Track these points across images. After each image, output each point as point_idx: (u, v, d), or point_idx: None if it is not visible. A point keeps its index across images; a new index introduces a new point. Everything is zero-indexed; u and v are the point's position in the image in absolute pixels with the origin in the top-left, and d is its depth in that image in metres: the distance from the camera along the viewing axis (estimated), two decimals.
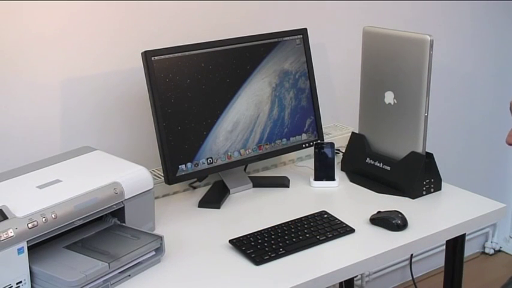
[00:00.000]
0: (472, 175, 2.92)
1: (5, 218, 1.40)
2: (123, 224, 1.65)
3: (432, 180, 1.92)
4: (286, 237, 1.68)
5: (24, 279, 1.43)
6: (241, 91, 1.97)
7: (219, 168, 1.97)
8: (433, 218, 1.84)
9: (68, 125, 1.93)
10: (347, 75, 2.37)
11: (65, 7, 1.85)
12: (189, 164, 1.90)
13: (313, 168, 2.04)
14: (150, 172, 1.73)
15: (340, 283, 2.28)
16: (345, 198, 1.96)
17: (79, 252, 1.53)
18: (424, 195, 1.90)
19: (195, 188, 2.04)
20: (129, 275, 1.53)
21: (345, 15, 2.42)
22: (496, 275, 3.12)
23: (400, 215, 1.73)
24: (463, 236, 1.86)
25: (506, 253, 3.31)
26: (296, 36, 2.06)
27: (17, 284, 1.42)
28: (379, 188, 1.96)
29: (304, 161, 2.23)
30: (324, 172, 2.02)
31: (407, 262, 2.57)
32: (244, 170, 2.08)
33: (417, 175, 1.89)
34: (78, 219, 1.52)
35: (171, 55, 1.85)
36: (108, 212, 1.60)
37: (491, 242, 3.28)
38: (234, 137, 1.97)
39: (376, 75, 2.01)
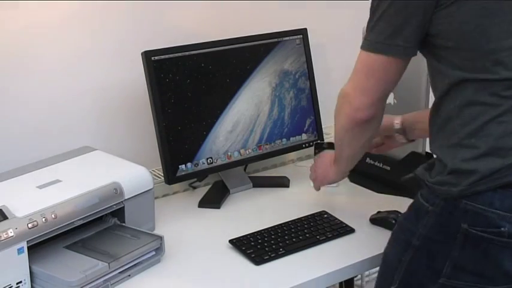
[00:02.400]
0: None
1: (5, 218, 1.40)
2: (123, 224, 1.65)
3: None
4: (286, 237, 1.68)
5: (24, 279, 1.43)
6: (241, 91, 1.97)
7: (219, 168, 1.97)
8: None
9: (68, 125, 1.93)
10: (347, 75, 2.36)
11: (65, 7, 1.85)
12: (189, 164, 1.90)
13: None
14: (150, 172, 1.73)
15: (340, 283, 2.28)
16: (345, 198, 1.96)
17: (79, 252, 1.53)
18: None
19: (195, 188, 2.04)
20: (129, 275, 1.53)
21: (345, 15, 2.41)
22: None
23: (400, 215, 1.73)
24: None
25: None
26: (296, 36, 2.06)
27: (17, 284, 1.42)
28: (379, 188, 1.96)
29: (304, 161, 2.22)
30: None
31: None
32: (244, 170, 2.08)
33: None
34: (78, 219, 1.52)
35: (171, 55, 1.85)
36: (108, 212, 1.60)
37: None
38: (234, 137, 1.97)
39: None
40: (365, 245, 1.66)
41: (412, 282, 1.38)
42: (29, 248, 1.42)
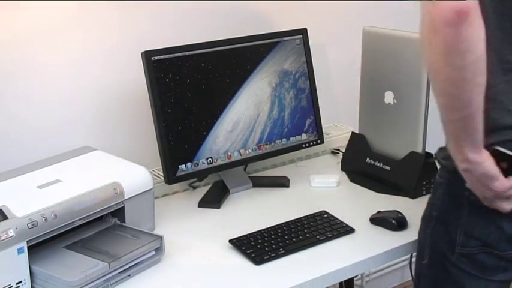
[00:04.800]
0: None
1: (5, 218, 1.40)
2: (123, 224, 1.65)
3: (432, 180, 1.91)
4: (286, 237, 1.68)
5: (24, 279, 1.43)
6: (241, 91, 1.97)
7: (219, 168, 1.97)
8: None
9: (68, 125, 1.93)
10: (347, 75, 2.37)
11: (64, 7, 1.85)
12: (189, 164, 1.90)
13: (313, 168, 2.04)
14: (150, 172, 1.74)
15: (340, 283, 2.28)
16: (345, 198, 1.96)
17: (79, 252, 1.53)
18: (424, 195, 1.90)
19: (195, 188, 2.04)
20: (129, 275, 1.53)
21: (344, 15, 2.42)
22: None
23: (400, 215, 1.73)
24: None
25: None
26: (296, 36, 2.06)
27: (17, 284, 1.42)
28: (379, 188, 1.96)
29: (304, 161, 2.22)
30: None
31: (407, 262, 2.56)
32: (244, 170, 2.08)
33: (417, 175, 1.89)
34: (78, 219, 1.52)
35: (171, 55, 1.85)
36: (108, 212, 1.60)
37: None
38: (234, 137, 1.97)
39: (376, 75, 2.00)
40: (365, 245, 1.66)
41: (437, 254, 1.48)
42: (29, 248, 1.42)
